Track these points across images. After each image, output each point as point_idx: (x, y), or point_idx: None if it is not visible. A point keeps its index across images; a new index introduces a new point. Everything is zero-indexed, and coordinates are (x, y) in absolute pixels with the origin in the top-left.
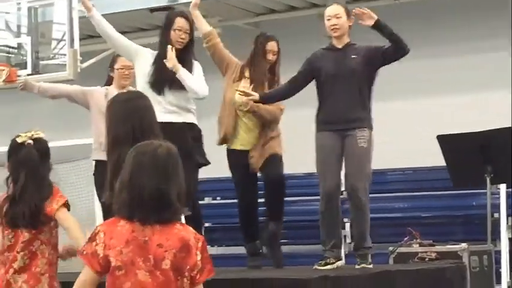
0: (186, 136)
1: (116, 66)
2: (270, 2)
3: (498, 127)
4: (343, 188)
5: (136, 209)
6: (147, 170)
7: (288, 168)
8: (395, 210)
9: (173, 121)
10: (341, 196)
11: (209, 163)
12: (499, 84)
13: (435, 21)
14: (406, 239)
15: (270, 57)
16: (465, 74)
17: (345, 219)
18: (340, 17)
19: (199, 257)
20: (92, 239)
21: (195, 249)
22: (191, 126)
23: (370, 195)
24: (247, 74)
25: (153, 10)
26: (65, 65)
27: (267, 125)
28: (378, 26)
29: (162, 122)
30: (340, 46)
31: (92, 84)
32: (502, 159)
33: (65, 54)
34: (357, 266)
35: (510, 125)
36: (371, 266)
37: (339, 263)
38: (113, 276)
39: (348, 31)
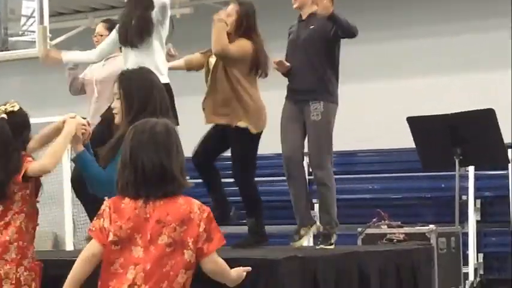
0: None
1: None
2: None
3: (467, 109)
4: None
5: (142, 187)
6: (148, 147)
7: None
8: (364, 191)
9: None
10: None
11: (177, 124)
12: (467, 67)
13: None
14: (374, 220)
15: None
16: (434, 56)
17: (314, 200)
18: None
19: (202, 228)
20: (99, 215)
21: (197, 221)
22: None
23: (340, 176)
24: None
25: None
26: (35, 41)
27: None
28: (331, 19)
29: None
30: (304, 17)
31: None
32: (470, 142)
33: (34, 31)
34: (316, 247)
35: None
36: (332, 246)
37: (313, 229)
38: (108, 250)
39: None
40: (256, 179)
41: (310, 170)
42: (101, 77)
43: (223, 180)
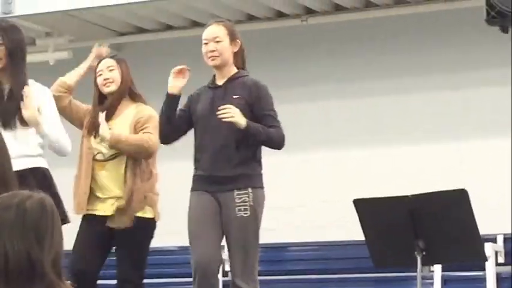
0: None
1: None
2: (138, 19)
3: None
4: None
5: (1, 282)
6: (12, 229)
7: (157, 240)
8: None
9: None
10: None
11: (69, 221)
12: (434, 131)
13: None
14: None
15: (100, 81)
16: (392, 117)
17: None
18: (220, 41)
19: None
20: None
21: None
22: (34, 171)
23: (264, 278)
24: None
25: None
26: None
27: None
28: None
29: None
30: (221, 82)
31: None
32: (436, 233)
33: None
34: None
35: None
36: None
37: None
38: None
39: (233, 59)
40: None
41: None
42: None
43: None
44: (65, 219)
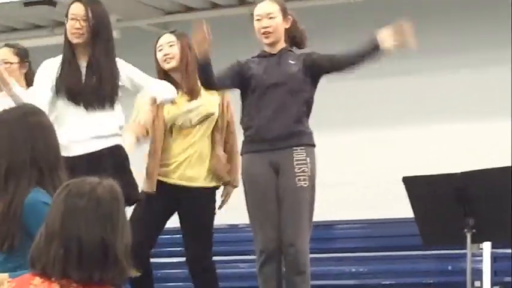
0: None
1: None
2: None
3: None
4: None
5: (74, 266)
6: (86, 216)
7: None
8: (346, 275)
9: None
10: None
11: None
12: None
13: None
14: None
15: (160, 56)
16: (437, 94)
17: None
18: (274, 17)
19: None
20: None
21: None
22: (113, 150)
23: (312, 256)
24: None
25: (27, 4)
26: None
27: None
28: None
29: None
30: (275, 51)
31: None
32: (486, 210)
33: None
34: None
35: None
36: None
37: None
38: None
39: (284, 35)
40: None
41: None
42: None
43: None
44: (138, 198)
